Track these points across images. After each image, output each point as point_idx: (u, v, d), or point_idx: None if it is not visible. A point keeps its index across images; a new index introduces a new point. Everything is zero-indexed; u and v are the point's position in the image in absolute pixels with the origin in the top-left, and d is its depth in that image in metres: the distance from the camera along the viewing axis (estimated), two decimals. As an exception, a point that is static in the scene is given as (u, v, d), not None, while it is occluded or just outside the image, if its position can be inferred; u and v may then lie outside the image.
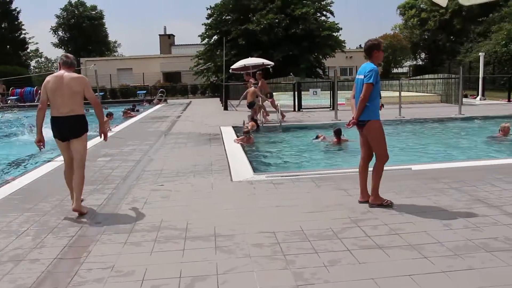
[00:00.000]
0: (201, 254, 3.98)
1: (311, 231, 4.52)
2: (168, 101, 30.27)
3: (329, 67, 41.88)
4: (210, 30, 35.77)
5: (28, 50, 56.82)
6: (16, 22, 49.44)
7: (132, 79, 43.57)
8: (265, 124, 14.97)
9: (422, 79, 26.69)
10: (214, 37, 35.90)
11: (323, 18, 37.50)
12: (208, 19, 35.85)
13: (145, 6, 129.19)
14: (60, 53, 56.03)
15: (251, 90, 15.29)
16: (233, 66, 22.11)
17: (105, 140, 5.82)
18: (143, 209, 5.44)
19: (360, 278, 3.43)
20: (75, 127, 5.33)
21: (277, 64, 24.03)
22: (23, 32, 50.91)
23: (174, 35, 57.88)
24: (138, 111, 22.28)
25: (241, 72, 23.41)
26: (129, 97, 34.53)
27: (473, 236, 4.26)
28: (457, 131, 13.42)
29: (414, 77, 29.44)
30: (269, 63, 22.10)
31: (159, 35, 57.22)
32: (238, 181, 6.83)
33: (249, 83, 16.12)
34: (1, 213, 5.42)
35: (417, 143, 11.47)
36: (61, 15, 56.72)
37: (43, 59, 70.14)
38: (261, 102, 15.66)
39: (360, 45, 56.68)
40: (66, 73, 5.30)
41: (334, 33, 36.76)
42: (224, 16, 35.90)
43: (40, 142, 5.39)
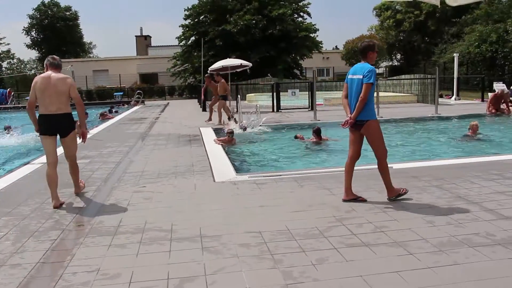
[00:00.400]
0: (188, 255, 3.94)
1: (297, 230, 4.52)
2: (145, 102, 30.02)
3: (306, 68, 42.16)
4: (188, 31, 35.63)
5: (-1, 51, 55.62)
6: (-14, 23, 48.32)
7: (108, 81, 43.10)
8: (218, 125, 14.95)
9: (399, 79, 27.06)
10: (192, 38, 35.77)
11: (300, 19, 37.75)
12: (185, 20, 35.71)
13: (121, 7, 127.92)
14: (33, 54, 55.21)
15: (220, 84, 15.54)
16: (211, 67, 22.00)
17: (83, 142, 6.13)
18: (126, 211, 5.37)
19: (349, 276, 3.45)
20: (63, 124, 5.74)
21: (254, 65, 24.08)
22: (-6, 33, 49.82)
23: (150, 36, 57.47)
24: (117, 112, 22.04)
25: (219, 72, 23.35)
26: (105, 98, 34.13)
27: (456, 232, 4.33)
28: (434, 130, 13.64)
29: (391, 78, 29.82)
30: (247, 64, 22.08)
31: (136, 36, 56.76)
32: (221, 181, 6.80)
33: (219, 83, 15.97)
34: (-21, 218, 5.29)
35: (397, 142, 11.61)
36: (34, 15, 55.53)
37: (15, 60, 68.65)
38: (219, 104, 15.70)
39: (336, 46, 57.34)
40: (53, 74, 5.68)
41: (311, 34, 37.05)
42: (201, 17, 35.81)
43: (38, 131, 5.84)
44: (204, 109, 21.79)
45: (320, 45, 38.85)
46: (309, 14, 37.90)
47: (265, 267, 3.66)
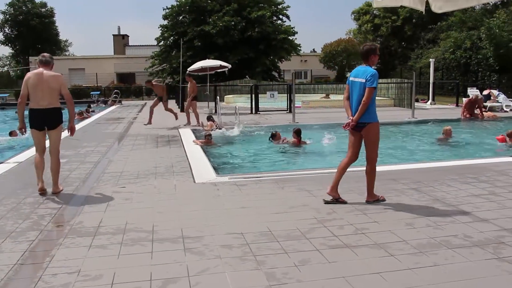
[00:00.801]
0: (170, 256, 3.92)
1: (278, 231, 4.54)
2: (122, 102, 29.70)
3: (285, 70, 42.37)
4: (167, 32, 35.42)
5: (-30, 48, 54.35)
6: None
7: (84, 80, 42.51)
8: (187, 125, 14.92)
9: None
10: (170, 38, 35.58)
11: (279, 21, 37.92)
12: (164, 19, 35.48)
13: (98, 5, 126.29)
14: (6, 51, 53.97)
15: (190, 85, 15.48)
16: (190, 68, 21.91)
17: (71, 135, 6.58)
18: (106, 211, 5.30)
19: (332, 277, 3.48)
20: (52, 118, 6.11)
21: (233, 67, 24.08)
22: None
23: (128, 36, 56.93)
24: (94, 112, 21.75)
25: (198, 73, 23.27)
26: (82, 98, 33.61)
27: (435, 234, 4.41)
28: (411, 133, 13.85)
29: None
30: (227, 65, 22.09)
31: (113, 35, 56.14)
32: (201, 182, 6.78)
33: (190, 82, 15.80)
34: (-47, 218, 5.15)
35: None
36: (7, 11, 54.32)
37: (-13, 56, 67.18)
38: (187, 105, 15.54)
39: (314, 49, 57.72)
40: (45, 71, 6.07)
41: (289, 37, 37.24)
42: (180, 18, 35.64)
43: (22, 129, 6.26)
44: (182, 110, 21.66)
45: (299, 48, 39.09)
46: (288, 17, 38.12)
47: (248, 268, 3.67)
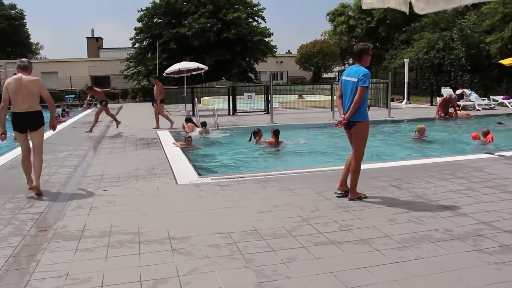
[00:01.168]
0: (158, 257, 3.92)
1: (264, 230, 4.59)
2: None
3: (261, 72, 42.51)
4: (142, 34, 35.14)
5: None
6: None
7: (58, 83, 41.80)
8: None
9: (351, 83, 27.68)
10: (146, 40, 35.32)
11: (255, 23, 38.03)
12: (139, 22, 35.19)
13: (70, 7, 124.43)
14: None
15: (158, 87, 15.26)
16: (168, 70, 21.83)
17: (53, 130, 6.84)
18: (89, 215, 5.26)
19: (320, 273, 3.54)
20: (33, 121, 6.36)
21: (209, 69, 24.06)
22: None
23: (102, 38, 56.25)
24: (69, 115, 21.45)
25: (174, 75, 23.19)
26: (56, 101, 33.04)
27: (417, 229, 4.52)
28: (388, 132, 14.08)
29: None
30: (204, 67, 22.09)
31: (87, 37, 55.39)
32: (184, 184, 6.78)
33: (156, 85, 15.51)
34: None
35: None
36: (-25, 13, 52.92)
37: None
38: (156, 109, 15.29)
39: (289, 51, 58.01)
40: (24, 76, 6.31)
41: (265, 38, 37.34)
42: (155, 20, 35.41)
43: (2, 134, 6.41)
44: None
45: (275, 49, 39.26)
46: (263, 18, 38.25)
47: (237, 266, 3.70)
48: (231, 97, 20.62)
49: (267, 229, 4.61)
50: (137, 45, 35.94)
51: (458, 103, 19.14)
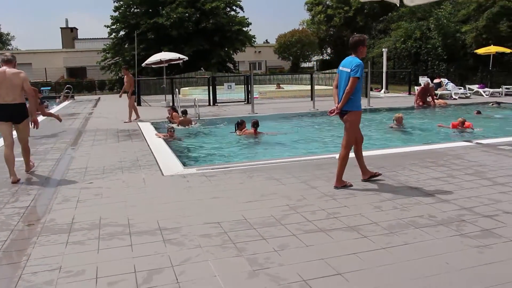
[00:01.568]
0: (150, 248, 3.95)
1: (254, 219, 4.65)
2: (75, 97, 28.92)
3: (239, 62, 42.40)
4: (118, 24, 34.64)
5: None
6: None
7: (32, 75, 40.95)
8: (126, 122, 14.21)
9: (331, 73, 27.90)
10: (122, 31, 34.86)
11: (233, 13, 37.87)
12: (115, 11, 34.68)
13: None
14: None
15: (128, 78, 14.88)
16: (148, 61, 21.58)
17: (36, 128, 7.03)
18: (77, 207, 5.25)
19: (311, 259, 3.62)
20: (18, 113, 6.63)
21: (188, 59, 23.90)
22: None
23: (77, 29, 55.15)
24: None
25: (152, 66, 22.94)
26: (31, 93, 32.39)
27: (403, 216, 4.64)
28: (368, 121, 14.25)
29: (324, 71, 30.72)
30: (184, 58, 22.00)
31: (61, 28, 54.21)
32: (170, 175, 6.79)
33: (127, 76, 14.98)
34: None
35: (334, 134, 12.06)
36: None
37: None
38: (130, 102, 14.72)
39: (267, 40, 57.91)
40: (8, 69, 6.51)
41: (244, 28, 37.25)
42: (132, 9, 34.94)
43: None
44: (139, 103, 21.38)
45: (253, 39, 39.18)
46: (241, 8, 38.14)
47: (230, 255, 3.76)
48: (211, 87, 20.58)
49: (257, 218, 4.67)
50: (113, 35, 35.46)
51: (436, 92, 19.46)
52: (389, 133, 11.78)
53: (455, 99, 20.23)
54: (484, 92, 21.93)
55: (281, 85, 27.37)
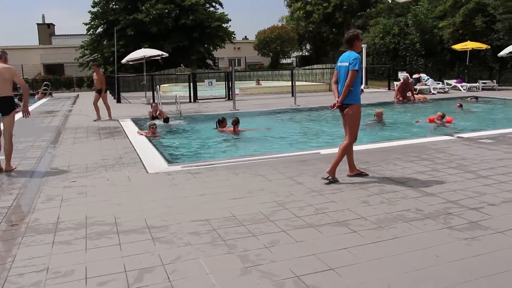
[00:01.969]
0: (140, 246, 3.90)
1: (242, 216, 4.63)
2: (53, 94, 28.47)
3: (218, 58, 42.25)
4: (97, 20, 34.15)
5: None
6: None
7: (8, 72, 40.18)
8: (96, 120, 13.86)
9: (311, 68, 28.02)
10: (101, 27, 34.39)
11: (212, 9, 37.72)
12: (94, 7, 34.18)
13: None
14: None
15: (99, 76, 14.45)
16: (130, 57, 21.34)
17: (27, 117, 7.52)
18: (61, 207, 5.15)
19: (303, 255, 3.62)
20: (5, 105, 6.95)
21: (168, 55, 23.71)
22: None
23: (54, 25, 54.25)
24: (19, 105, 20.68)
25: (129, 62, 22.69)
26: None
27: (390, 210, 4.68)
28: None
29: (305, 67, 30.78)
30: (165, 54, 21.94)
31: (37, 24, 53.26)
32: (154, 172, 6.73)
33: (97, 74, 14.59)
34: None
35: (317, 130, 12.11)
36: None
37: None
38: (95, 99, 14.38)
39: (246, 36, 57.81)
40: None
41: (223, 24, 37.13)
42: (111, 5, 34.49)
43: None
44: (119, 100, 21.16)
45: (233, 35, 39.09)
46: (221, 4, 38.01)
47: (221, 252, 3.73)
48: (191, 84, 20.46)
49: (245, 215, 4.65)
50: (92, 31, 34.96)
51: (415, 87, 19.68)
52: (370, 128, 11.86)
53: (433, 94, 20.51)
54: (462, 86, 22.28)
55: (260, 81, 27.38)
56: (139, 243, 3.99)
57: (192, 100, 20.16)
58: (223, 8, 38.78)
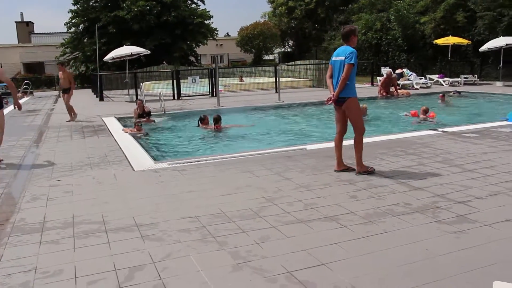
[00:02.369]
0: (129, 244, 3.86)
1: (231, 212, 4.61)
2: (34, 93, 28.06)
3: (201, 55, 42.07)
4: (77, 17, 33.69)
5: None
6: None
7: (-14, 71, 39.46)
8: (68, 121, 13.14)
9: (295, 64, 28.05)
10: (82, 24, 33.93)
11: (194, 5, 37.50)
12: (74, 4, 33.70)
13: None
14: None
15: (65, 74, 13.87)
16: (117, 54, 21.09)
17: (19, 110, 7.99)
18: (47, 206, 5.07)
19: (294, 251, 3.62)
20: None
21: (150, 53, 23.52)
22: None
23: (33, 23, 53.42)
24: (7, 103, 20.35)
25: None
26: (-14, 90, 31.20)
27: (379, 204, 4.70)
28: (333, 112, 14.36)
29: (289, 63, 30.80)
30: (148, 52, 21.82)
31: (16, 22, 52.40)
32: (141, 170, 6.66)
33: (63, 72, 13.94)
34: None
35: (301, 125, 12.13)
36: None
37: None
38: (65, 99, 13.58)
39: (228, 33, 57.61)
40: None
41: (206, 21, 36.94)
42: (91, 2, 34.04)
43: None
44: (101, 99, 20.94)
45: (215, 32, 38.93)
46: (202, 1, 37.83)
47: (211, 249, 3.71)
48: (175, 81, 20.34)
49: (234, 211, 4.63)
50: (73, 29, 34.49)
51: (398, 82, 19.84)
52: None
53: (416, 88, 20.69)
54: (444, 81, 22.51)
55: (243, 78, 27.34)
56: (128, 241, 3.95)
57: (175, 97, 20.04)
58: (205, 4, 38.72)
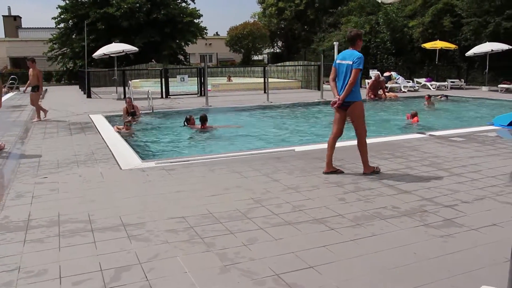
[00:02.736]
0: (115, 244, 3.81)
1: (219, 213, 4.58)
2: (20, 88, 27.68)
3: (190, 54, 41.93)
4: (66, 13, 33.33)
5: None
6: None
7: (-28, 65, 38.96)
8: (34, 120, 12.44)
9: (284, 65, 28.06)
10: (71, 20, 33.58)
11: (184, 4, 37.37)
12: (63, 0, 33.38)
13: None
14: None
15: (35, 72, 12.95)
16: (109, 50, 20.91)
17: None
18: (32, 204, 4.99)
19: (282, 253, 3.60)
20: None
21: (139, 50, 23.38)
22: None
23: (20, 17, 52.79)
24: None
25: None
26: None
27: (367, 207, 4.70)
28: (322, 114, 14.43)
29: (277, 64, 30.80)
30: (136, 49, 21.72)
31: (3, 16, 51.73)
32: (128, 169, 6.60)
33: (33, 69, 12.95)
34: None
35: (290, 126, 12.12)
36: None
37: None
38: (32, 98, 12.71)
39: (217, 32, 57.46)
40: None
41: (195, 20, 36.83)
42: (81, -1, 33.76)
43: None
44: (89, 96, 20.76)
45: (205, 31, 38.82)
46: (192, -1, 37.72)
47: (199, 250, 3.68)
48: (163, 79, 20.23)
49: (222, 212, 4.60)
50: (61, 25, 34.13)
51: (386, 85, 19.95)
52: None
53: (404, 92, 20.83)
54: (431, 85, 22.69)
55: (231, 78, 27.30)
56: (114, 241, 3.90)
57: (164, 96, 19.95)
58: (194, 3, 38.66)
